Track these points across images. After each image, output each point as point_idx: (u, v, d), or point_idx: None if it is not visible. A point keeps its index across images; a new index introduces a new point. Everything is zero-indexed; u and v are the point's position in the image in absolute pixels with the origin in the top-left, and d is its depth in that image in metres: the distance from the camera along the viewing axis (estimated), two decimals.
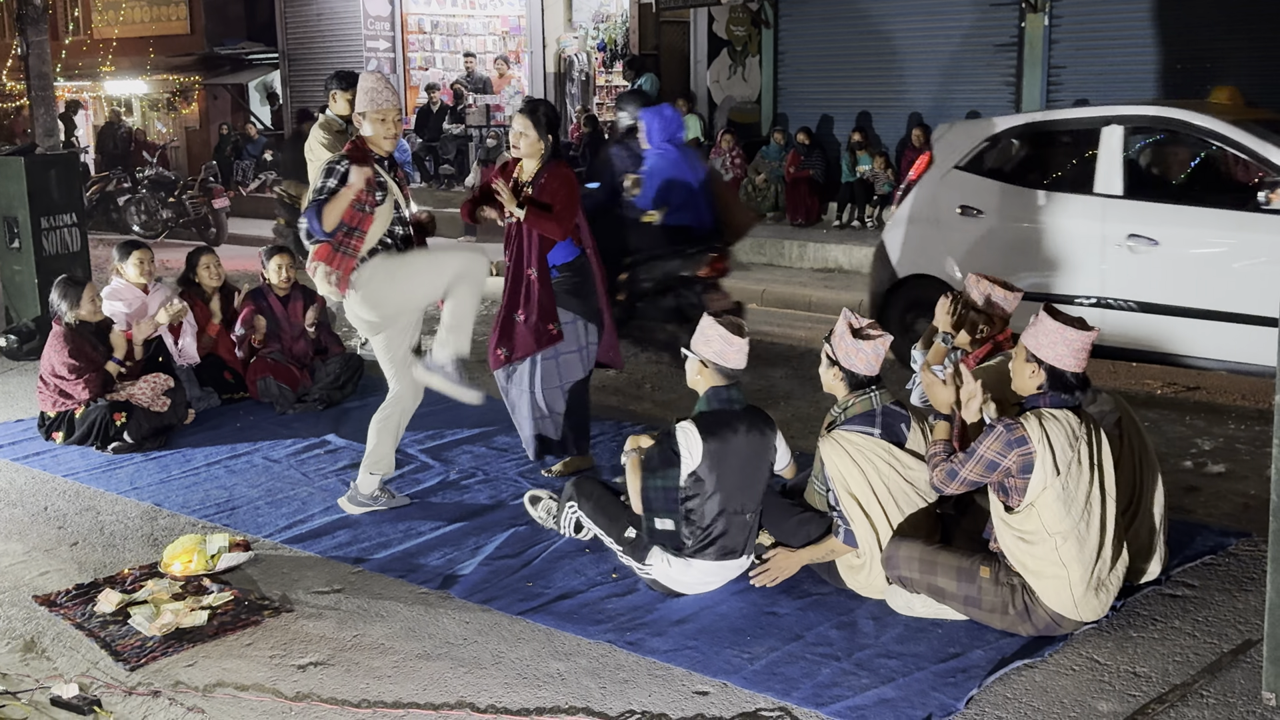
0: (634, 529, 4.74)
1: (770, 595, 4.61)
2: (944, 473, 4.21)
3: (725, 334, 4.56)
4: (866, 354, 4.50)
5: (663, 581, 4.63)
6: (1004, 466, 4.07)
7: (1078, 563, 4.08)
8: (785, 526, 4.78)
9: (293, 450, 6.70)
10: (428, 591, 4.77)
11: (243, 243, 16.33)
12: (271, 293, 7.75)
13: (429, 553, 5.16)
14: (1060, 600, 4.11)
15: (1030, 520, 4.10)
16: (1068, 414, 4.13)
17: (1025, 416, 4.12)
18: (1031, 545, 4.12)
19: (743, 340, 4.59)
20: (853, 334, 4.51)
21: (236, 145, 21.49)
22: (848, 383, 4.55)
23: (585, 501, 4.98)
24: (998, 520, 4.21)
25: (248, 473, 6.33)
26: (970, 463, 4.13)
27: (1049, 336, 4.13)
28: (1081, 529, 4.09)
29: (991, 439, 4.09)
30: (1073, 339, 4.11)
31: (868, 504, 4.44)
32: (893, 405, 4.56)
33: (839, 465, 4.43)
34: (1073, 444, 4.09)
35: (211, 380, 7.68)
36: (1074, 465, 4.08)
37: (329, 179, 5.29)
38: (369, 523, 5.54)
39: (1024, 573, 4.15)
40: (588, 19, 19.44)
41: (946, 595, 4.26)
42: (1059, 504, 4.05)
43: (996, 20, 13.85)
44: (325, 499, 5.88)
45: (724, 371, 4.60)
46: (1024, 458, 4.05)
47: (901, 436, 4.53)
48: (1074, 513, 4.08)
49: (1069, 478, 4.06)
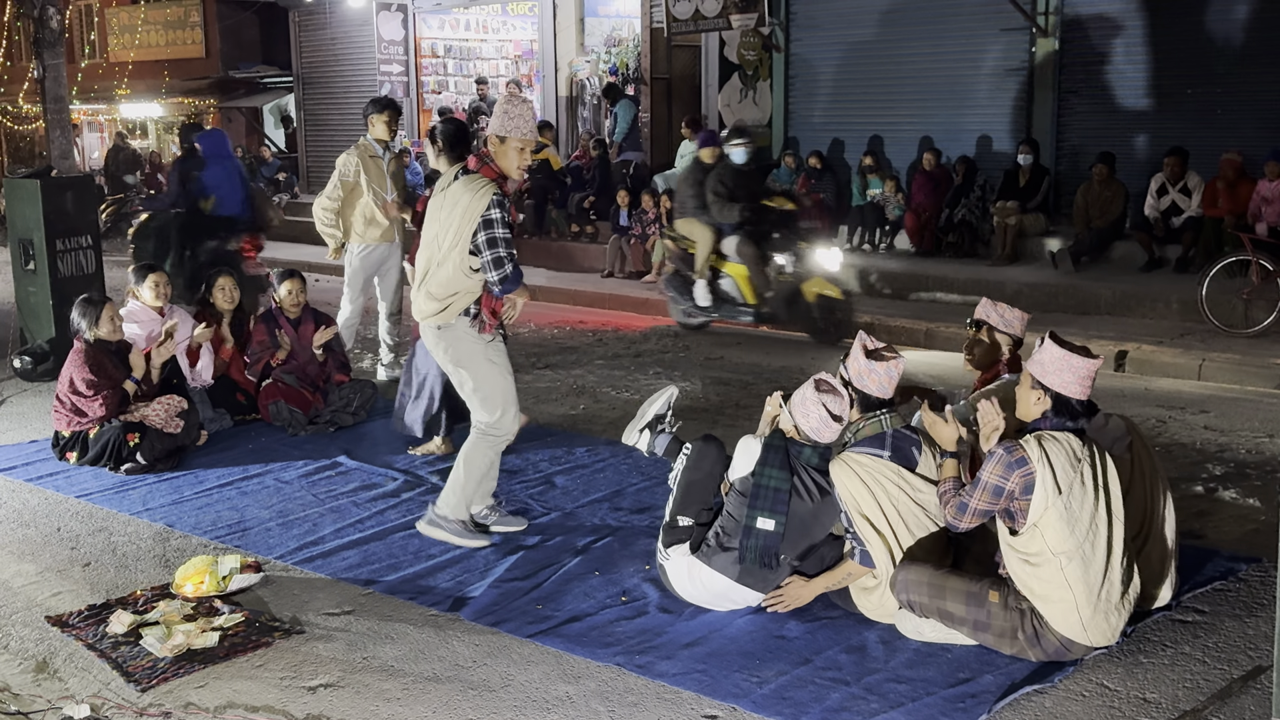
0: (690, 522, 4.75)
1: (779, 619, 4.61)
2: (955, 508, 4.20)
3: (824, 415, 4.53)
4: (879, 375, 4.51)
5: (670, 579, 4.65)
6: (1008, 490, 4.07)
7: (1083, 584, 4.08)
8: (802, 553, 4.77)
9: (304, 472, 6.73)
10: (438, 614, 4.78)
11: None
12: (283, 315, 7.80)
13: (439, 574, 5.17)
14: (1068, 624, 4.11)
15: (1034, 541, 4.10)
16: (1069, 436, 4.14)
17: (1025, 439, 4.13)
18: (1036, 568, 4.11)
19: (839, 425, 4.57)
20: (866, 355, 4.53)
21: (251, 168, 21.62)
22: (860, 404, 4.57)
23: (691, 464, 4.83)
24: (1004, 545, 4.22)
25: (259, 494, 6.36)
26: (977, 492, 4.13)
27: (1055, 364, 4.14)
28: (1086, 549, 4.08)
29: (993, 464, 4.10)
30: (1078, 366, 4.12)
31: (880, 525, 4.45)
32: (904, 429, 4.56)
33: (849, 487, 4.44)
34: (1074, 465, 4.09)
35: (224, 402, 7.72)
36: (1076, 486, 4.08)
37: (503, 213, 5.06)
38: (379, 544, 5.55)
39: (1031, 597, 4.15)
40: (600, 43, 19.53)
41: (955, 620, 4.26)
42: (1062, 524, 4.05)
43: (1007, 44, 13.87)
44: (336, 520, 5.89)
45: (811, 441, 4.62)
46: (1025, 478, 4.06)
47: (912, 460, 4.53)
48: (1078, 533, 4.07)
49: (1071, 498, 4.06)
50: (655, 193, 14.53)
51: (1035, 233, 13.08)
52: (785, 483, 4.51)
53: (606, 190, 15.56)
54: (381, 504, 6.12)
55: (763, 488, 4.54)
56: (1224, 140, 12.07)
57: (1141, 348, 9.66)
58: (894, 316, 11.35)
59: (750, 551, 4.53)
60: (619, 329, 11.55)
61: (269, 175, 21.20)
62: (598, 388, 8.81)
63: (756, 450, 4.60)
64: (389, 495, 6.27)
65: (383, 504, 6.12)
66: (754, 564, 4.53)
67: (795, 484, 4.53)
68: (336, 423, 7.60)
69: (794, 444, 4.61)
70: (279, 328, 7.74)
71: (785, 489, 4.50)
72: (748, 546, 4.53)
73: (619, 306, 13.12)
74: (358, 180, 8.54)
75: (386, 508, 6.06)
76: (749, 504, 4.54)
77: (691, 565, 4.67)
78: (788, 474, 4.52)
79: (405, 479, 6.48)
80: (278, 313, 7.82)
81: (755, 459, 4.58)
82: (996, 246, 13.12)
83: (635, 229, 14.50)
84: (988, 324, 5.22)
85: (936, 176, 13.83)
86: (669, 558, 4.73)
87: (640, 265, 14.36)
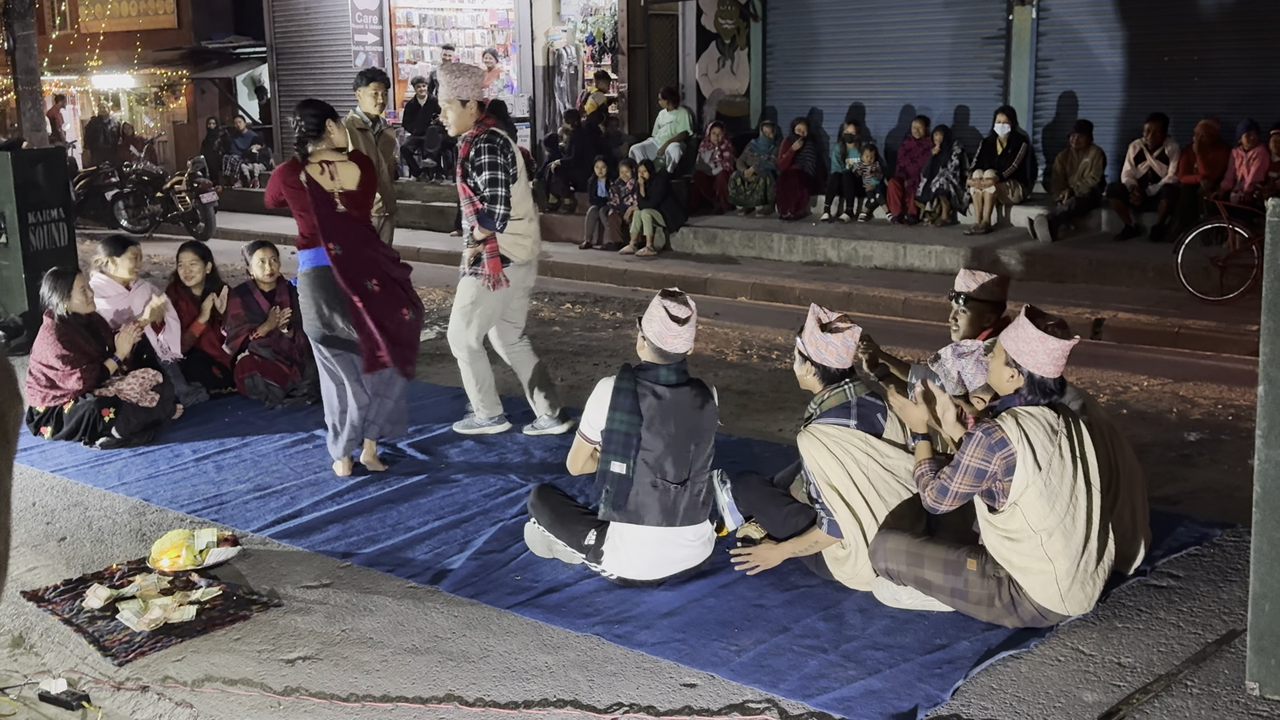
0: (593, 532, 4.74)
1: (757, 588, 4.63)
2: (935, 490, 4.19)
3: (664, 318, 4.58)
4: (836, 347, 4.54)
5: (626, 574, 4.65)
6: (990, 472, 4.07)
7: (1064, 557, 4.10)
8: (774, 518, 4.81)
9: (281, 445, 6.70)
10: (416, 585, 4.78)
11: (232, 237, 16.27)
12: (256, 288, 7.73)
13: (417, 547, 5.17)
14: (1047, 594, 4.13)
15: (1014, 519, 4.10)
16: (1044, 410, 4.13)
17: (1002, 418, 4.11)
18: (1017, 543, 4.13)
19: (681, 330, 4.59)
20: (821, 328, 4.55)
21: (225, 139, 21.45)
22: (821, 377, 4.59)
23: (543, 512, 4.95)
24: (983, 521, 4.22)
25: (236, 467, 6.33)
26: (958, 475, 4.12)
27: (1029, 344, 4.12)
28: (1067, 523, 4.10)
29: (973, 446, 4.09)
30: (1054, 348, 4.10)
31: (848, 495, 4.47)
32: (868, 396, 4.59)
33: (817, 458, 4.46)
34: (1052, 439, 4.09)
35: (199, 375, 7.67)
36: (1055, 460, 4.08)
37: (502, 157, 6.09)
38: (358, 517, 5.54)
39: (1010, 569, 4.16)
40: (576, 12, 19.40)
41: (933, 587, 4.28)
42: (1042, 501, 4.06)
43: (984, 12, 13.85)
44: (314, 493, 5.87)
45: (661, 353, 4.63)
46: (1006, 460, 4.04)
47: (878, 426, 4.58)
48: (1058, 508, 4.09)
49: (1051, 474, 4.07)
50: (633, 164, 14.48)
51: (1013, 201, 13.11)
52: (635, 426, 4.57)
53: (583, 162, 15.49)
54: (359, 476, 6.10)
55: (614, 432, 4.60)
56: (1201, 108, 12.12)
57: (1118, 315, 9.71)
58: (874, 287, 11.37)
59: (608, 496, 4.60)
60: (597, 299, 11.52)
61: (243, 147, 21.03)
62: (575, 360, 8.79)
63: (607, 397, 4.64)
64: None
65: (360, 476, 6.10)
66: (610, 507, 4.59)
67: (655, 406, 4.56)
68: (314, 396, 7.54)
69: (646, 372, 4.64)
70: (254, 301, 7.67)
71: (635, 433, 4.56)
72: (605, 491, 4.61)
73: (596, 278, 13.10)
74: None
75: (364, 480, 6.04)
76: (603, 449, 4.64)
77: (614, 540, 4.66)
78: (637, 417, 4.57)
79: (383, 451, 6.46)
80: (252, 286, 7.76)
81: (606, 405, 4.64)
82: (974, 215, 13.14)
83: (613, 199, 14.45)
84: (968, 294, 5.18)
85: (926, 145, 13.76)
86: (605, 561, 4.69)
87: (617, 236, 14.33)
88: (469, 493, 5.85)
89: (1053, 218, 12.32)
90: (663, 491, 4.59)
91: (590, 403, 4.74)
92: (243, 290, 7.77)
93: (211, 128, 21.95)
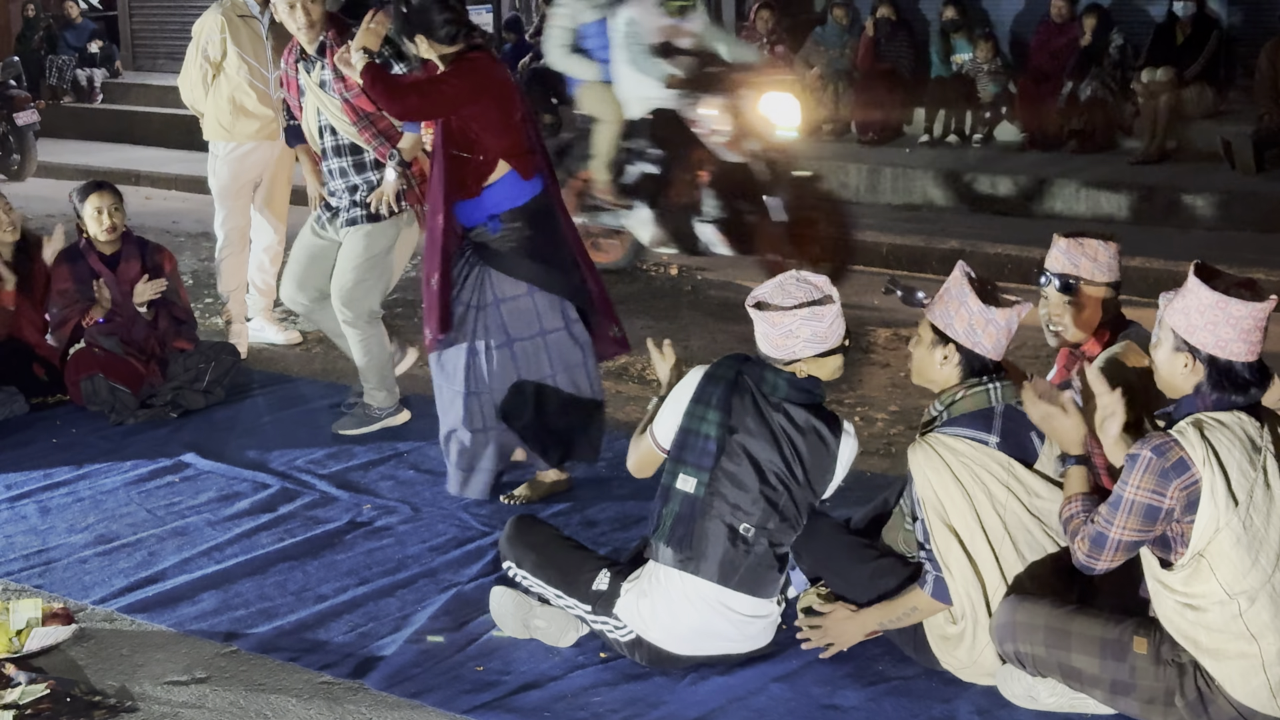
0: (605, 574, 4.78)
1: (829, 680, 4.64)
2: (1088, 542, 4.13)
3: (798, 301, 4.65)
4: (998, 328, 4.48)
5: (651, 637, 4.66)
6: (1166, 509, 4.03)
7: (1273, 632, 4.08)
8: (851, 577, 4.80)
9: (135, 477, 6.73)
10: (332, 681, 4.79)
11: (59, 174, 16.33)
12: (93, 251, 7.70)
13: (333, 623, 5.19)
14: (1250, 688, 4.11)
15: (1199, 579, 4.07)
16: (1240, 417, 4.08)
17: (1178, 428, 4.06)
18: (1203, 613, 4.10)
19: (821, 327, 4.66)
20: (981, 298, 4.50)
21: (49, 34, 21.45)
22: (963, 368, 4.56)
23: (524, 551, 4.98)
24: (1152, 582, 4.20)
25: (69, 511, 6.36)
26: (1119, 516, 4.06)
27: (1205, 314, 4.03)
28: (1277, 582, 4.09)
29: (1137, 473, 4.02)
30: (1241, 314, 4.01)
31: (972, 543, 4.46)
32: (1018, 405, 4.52)
33: (934, 482, 4.45)
34: (1254, 460, 4.05)
35: (14, 377, 7.67)
36: (1259, 490, 4.04)
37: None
38: (246, 580, 5.55)
39: (1196, 651, 4.15)
40: None
41: (1085, 679, 4.28)
42: (1240, 551, 4.02)
43: None
44: (182, 547, 5.89)
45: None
46: (1188, 490, 4.00)
47: (1030, 451, 4.53)
48: (1265, 561, 4.06)
49: (1253, 510, 4.03)
50: None
51: (1200, 114, 13.08)
52: (721, 429, 4.62)
53: None
54: (248, 522, 6.14)
55: (691, 433, 4.66)
56: None
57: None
58: (997, 242, 11.35)
59: (662, 524, 4.65)
60: None
61: (77, 44, 21.00)
62: None
63: (693, 387, 4.71)
64: (259, 509, 6.28)
65: (249, 522, 6.13)
66: (663, 540, 4.64)
67: (748, 425, 4.62)
68: (181, 404, 7.58)
69: (750, 369, 4.69)
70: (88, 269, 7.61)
71: (718, 437, 4.62)
72: (662, 514, 4.65)
73: None
74: (224, 52, 8.49)
75: (255, 528, 6.07)
76: (673, 456, 4.71)
77: (644, 585, 4.69)
78: (725, 415, 4.62)
79: (282, 485, 6.48)
80: (86, 248, 7.73)
81: (689, 397, 4.70)
82: (1143, 135, 13.12)
83: None
84: (1074, 276, 4.99)
85: (1072, 33, 13.70)
86: (623, 618, 4.72)
87: None
88: (407, 545, 5.88)
89: (1259, 138, 12.29)
90: (731, 537, 4.61)
91: (670, 397, 4.82)
92: (72, 254, 7.75)
93: (29, 16, 21.95)
